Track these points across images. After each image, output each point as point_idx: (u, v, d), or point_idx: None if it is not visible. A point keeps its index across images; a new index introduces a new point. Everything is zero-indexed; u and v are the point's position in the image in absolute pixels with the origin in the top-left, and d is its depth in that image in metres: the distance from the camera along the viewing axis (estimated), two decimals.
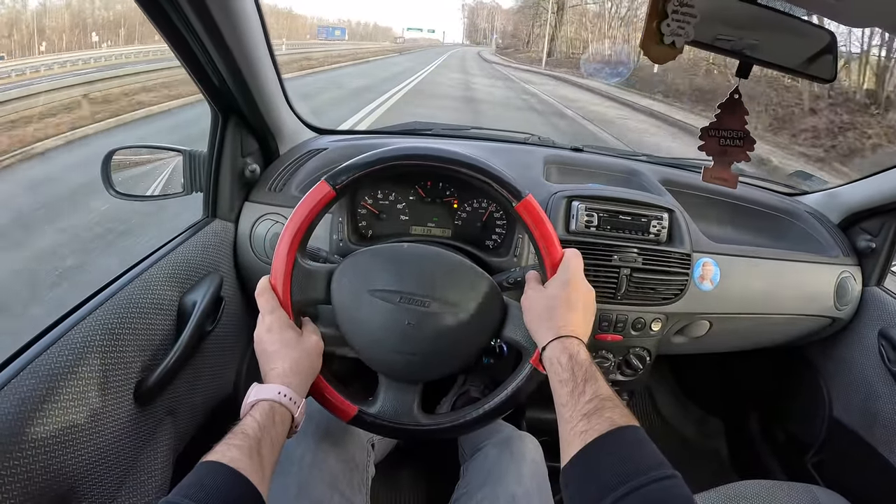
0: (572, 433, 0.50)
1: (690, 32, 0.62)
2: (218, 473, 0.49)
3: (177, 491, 0.47)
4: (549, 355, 0.60)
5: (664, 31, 0.61)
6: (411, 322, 0.69)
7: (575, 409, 0.52)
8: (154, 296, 0.77)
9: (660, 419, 1.63)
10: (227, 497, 0.48)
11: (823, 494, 0.92)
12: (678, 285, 0.99)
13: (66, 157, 4.83)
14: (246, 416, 0.57)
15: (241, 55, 0.77)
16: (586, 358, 0.57)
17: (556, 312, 0.62)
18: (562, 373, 0.56)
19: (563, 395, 0.55)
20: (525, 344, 0.69)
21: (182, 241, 0.87)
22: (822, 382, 1.23)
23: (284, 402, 0.60)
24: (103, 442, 0.65)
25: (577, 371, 0.55)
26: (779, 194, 1.32)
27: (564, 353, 0.58)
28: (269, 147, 1.03)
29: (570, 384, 0.54)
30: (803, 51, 0.72)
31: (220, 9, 0.66)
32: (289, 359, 0.64)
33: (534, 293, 0.67)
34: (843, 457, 1.16)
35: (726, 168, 0.74)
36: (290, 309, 0.68)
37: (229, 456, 0.51)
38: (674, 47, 0.62)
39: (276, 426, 0.57)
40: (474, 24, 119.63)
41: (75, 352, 0.63)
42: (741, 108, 0.71)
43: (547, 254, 0.68)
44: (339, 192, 0.68)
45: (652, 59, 0.63)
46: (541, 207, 0.69)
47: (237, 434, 0.54)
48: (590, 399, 0.52)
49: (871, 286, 1.15)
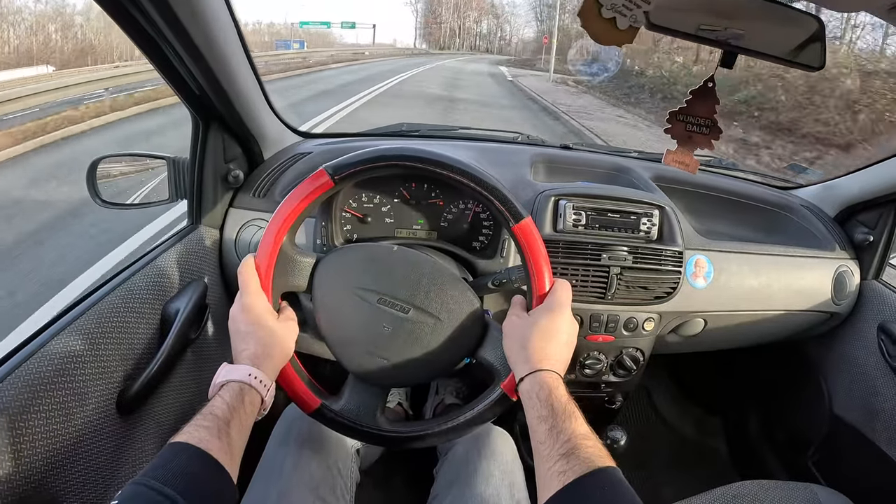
0: (550, 473, 0.50)
1: (639, 17, 0.58)
2: (185, 454, 0.49)
3: (144, 473, 0.46)
4: (526, 388, 0.58)
5: (602, 2, 0.58)
6: (388, 326, 0.68)
7: (553, 448, 0.51)
8: (136, 304, 0.76)
9: (658, 419, 1.61)
10: (194, 477, 0.47)
11: (824, 493, 0.90)
12: (670, 283, 0.97)
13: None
14: (215, 396, 0.57)
15: (215, 60, 0.75)
16: (565, 394, 0.57)
17: (537, 343, 0.61)
18: (540, 409, 0.55)
19: (540, 433, 0.54)
20: (499, 367, 0.68)
21: (165, 248, 0.86)
22: (822, 379, 1.21)
23: (254, 385, 0.59)
24: (86, 453, 0.65)
25: (556, 407, 0.54)
26: (773, 188, 1.30)
27: (543, 389, 0.57)
28: (252, 152, 1.02)
29: (549, 421, 0.53)
30: (791, 39, 0.70)
31: (188, 15, 0.65)
32: (262, 341, 0.63)
33: (517, 320, 0.65)
34: (844, 454, 1.15)
35: (688, 153, 0.74)
36: (270, 291, 0.67)
37: (197, 437, 0.50)
38: (616, 27, 0.58)
39: (245, 408, 0.57)
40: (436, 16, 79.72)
41: (56, 363, 0.62)
42: (713, 96, 0.70)
43: (536, 281, 0.67)
44: (336, 184, 0.67)
45: (591, 33, 0.59)
46: (538, 233, 0.68)
47: (206, 415, 0.53)
48: (568, 438, 0.51)
49: (869, 280, 1.13)
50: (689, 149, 0.73)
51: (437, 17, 78.77)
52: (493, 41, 72.76)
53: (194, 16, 0.66)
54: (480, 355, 0.70)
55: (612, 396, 1.14)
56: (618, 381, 1.08)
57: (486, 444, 0.82)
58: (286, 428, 0.81)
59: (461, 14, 78.03)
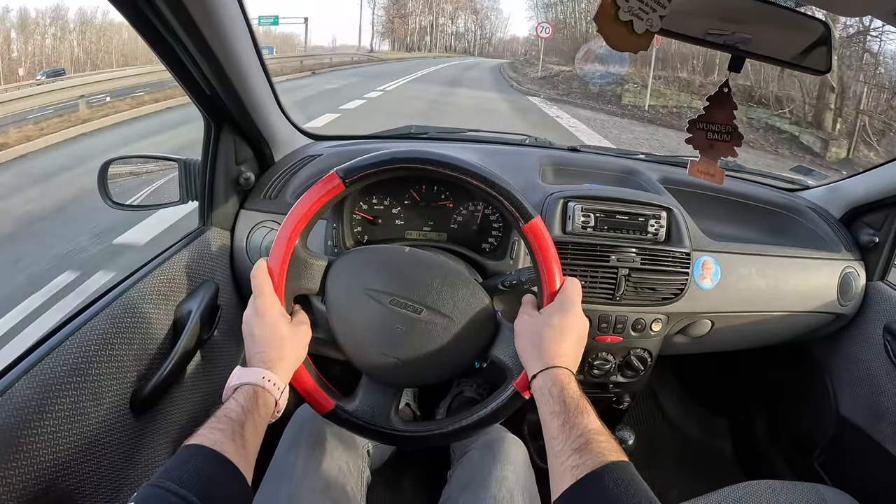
0: (563, 467, 0.50)
1: (655, 22, 0.58)
2: (200, 456, 0.49)
3: (159, 475, 0.47)
4: (539, 385, 0.59)
5: (620, 4, 0.57)
6: (401, 327, 0.69)
7: (566, 443, 0.52)
8: (150, 305, 0.77)
9: (665, 420, 1.61)
10: (210, 479, 0.48)
11: (830, 493, 0.90)
12: (678, 285, 0.97)
13: None
14: (229, 399, 0.57)
15: (229, 63, 0.76)
16: (577, 390, 0.57)
17: (549, 342, 0.62)
18: (553, 404, 0.56)
19: (553, 428, 0.54)
20: (511, 366, 0.69)
21: (177, 250, 0.87)
22: (828, 379, 1.21)
23: (268, 387, 0.59)
24: (100, 452, 0.65)
25: (568, 403, 0.55)
26: (780, 190, 1.30)
27: (556, 385, 0.57)
28: (263, 154, 1.03)
29: (562, 416, 0.54)
30: (797, 43, 0.71)
31: (203, 16, 0.66)
32: (275, 345, 0.63)
33: (528, 318, 0.66)
34: (850, 455, 1.15)
35: (713, 163, 0.73)
36: (283, 294, 0.67)
37: (212, 439, 0.51)
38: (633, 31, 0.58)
39: (258, 410, 0.57)
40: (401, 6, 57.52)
41: (70, 362, 0.63)
42: (730, 101, 0.70)
43: (546, 280, 0.68)
44: (347, 186, 0.68)
45: (606, 38, 0.58)
46: (547, 231, 0.68)
47: (220, 418, 0.54)
48: (581, 433, 0.52)
49: (874, 281, 1.14)
50: (711, 157, 0.73)
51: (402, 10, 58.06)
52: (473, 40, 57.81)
53: (208, 16, 0.67)
54: (493, 354, 0.71)
55: (620, 397, 1.14)
56: (626, 382, 1.08)
57: (500, 450, 0.83)
58: (296, 430, 0.82)
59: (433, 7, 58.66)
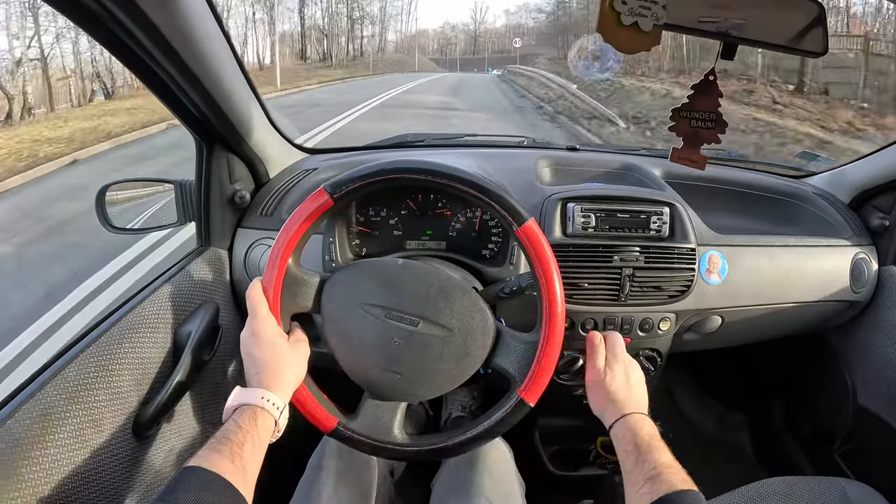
0: (638, 493, 0.58)
1: (660, 13, 0.57)
2: (199, 478, 0.50)
3: (157, 497, 0.47)
4: (616, 431, 0.68)
5: (619, 10, 0.56)
6: (398, 340, 0.68)
7: (639, 475, 0.60)
8: (148, 329, 0.77)
9: (681, 419, 1.59)
10: (207, 501, 0.48)
11: (851, 487, 0.88)
12: (684, 281, 0.95)
13: None
14: (228, 420, 0.58)
15: (211, 83, 0.75)
16: (649, 431, 0.65)
17: (621, 396, 0.71)
18: (626, 445, 0.64)
19: (628, 463, 0.63)
20: (514, 374, 0.68)
21: (176, 271, 0.87)
22: (845, 369, 1.18)
23: (267, 408, 0.60)
24: (102, 477, 0.65)
25: (639, 444, 0.63)
26: (784, 178, 1.28)
27: (629, 430, 0.66)
28: (257, 171, 1.02)
29: (634, 455, 0.62)
30: (792, 26, 0.70)
31: (177, 36, 0.65)
32: (273, 364, 0.64)
33: (595, 376, 0.73)
34: (871, 445, 1.12)
35: (695, 149, 0.74)
36: (279, 314, 0.67)
37: (210, 460, 0.51)
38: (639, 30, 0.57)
39: (258, 430, 0.57)
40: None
41: (70, 390, 0.62)
42: (715, 89, 0.69)
43: (544, 283, 0.68)
44: (336, 202, 0.67)
45: (615, 45, 0.57)
46: (542, 233, 0.68)
47: (219, 439, 0.54)
48: (654, 466, 0.59)
49: (887, 265, 1.10)
50: (695, 145, 0.73)
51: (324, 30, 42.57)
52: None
53: (182, 37, 0.66)
54: (495, 363, 0.70)
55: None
56: None
57: (483, 457, 0.82)
58: (321, 454, 0.82)
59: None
